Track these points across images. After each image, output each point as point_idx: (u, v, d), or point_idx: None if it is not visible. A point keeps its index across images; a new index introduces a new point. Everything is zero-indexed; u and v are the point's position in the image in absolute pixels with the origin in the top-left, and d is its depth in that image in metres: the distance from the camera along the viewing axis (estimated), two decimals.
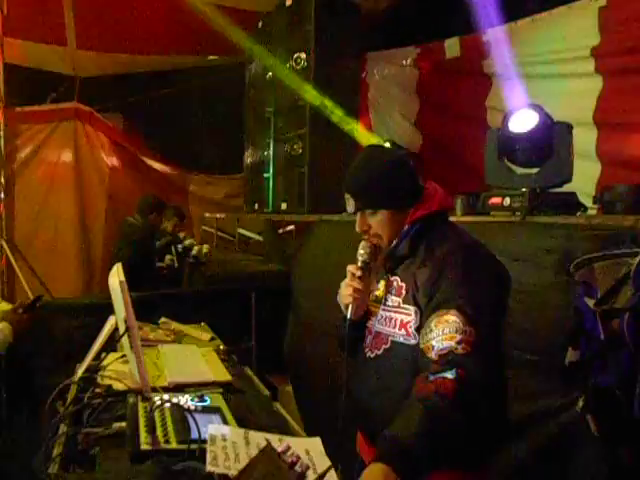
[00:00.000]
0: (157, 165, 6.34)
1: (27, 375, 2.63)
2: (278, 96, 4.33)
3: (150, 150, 6.31)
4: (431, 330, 1.28)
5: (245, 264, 4.83)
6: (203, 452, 1.19)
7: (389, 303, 1.46)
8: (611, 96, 3.10)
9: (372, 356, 1.47)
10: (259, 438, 1.28)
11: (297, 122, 4.08)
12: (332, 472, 1.12)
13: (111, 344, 1.78)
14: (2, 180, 5.16)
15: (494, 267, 1.40)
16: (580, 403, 1.66)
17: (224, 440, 1.25)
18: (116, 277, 1.51)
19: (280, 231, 4.72)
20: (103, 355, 1.77)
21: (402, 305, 1.41)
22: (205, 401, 1.53)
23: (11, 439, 2.25)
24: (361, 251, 1.48)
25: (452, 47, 4.19)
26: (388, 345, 1.43)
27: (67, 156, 5.80)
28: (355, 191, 1.49)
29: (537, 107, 2.24)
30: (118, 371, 1.72)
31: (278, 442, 1.15)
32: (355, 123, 4.28)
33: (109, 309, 1.72)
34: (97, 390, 1.62)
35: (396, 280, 1.46)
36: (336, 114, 4.01)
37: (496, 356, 1.35)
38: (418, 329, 1.35)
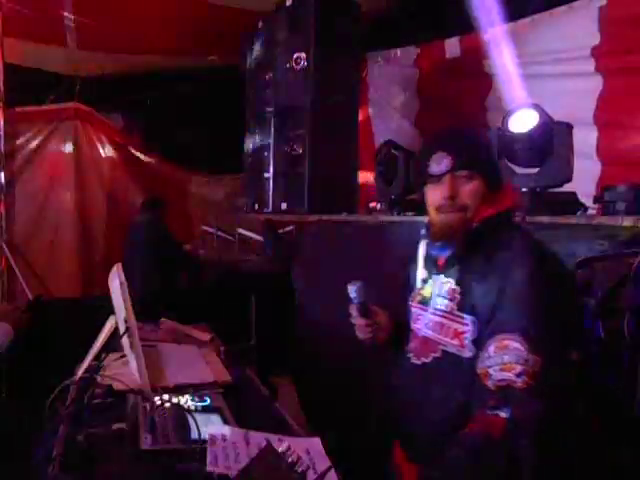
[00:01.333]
0: (157, 165, 6.34)
1: (27, 375, 2.63)
2: (278, 96, 4.33)
3: (150, 150, 6.31)
4: (489, 356, 1.14)
5: (245, 264, 4.83)
6: (203, 452, 1.20)
7: (439, 306, 1.33)
8: (611, 96, 3.10)
9: (419, 364, 1.35)
10: (259, 438, 1.28)
11: (297, 122, 4.08)
12: (332, 472, 1.12)
13: (111, 344, 1.78)
14: (2, 180, 5.15)
15: (564, 283, 1.26)
16: (580, 403, 1.66)
17: (224, 440, 1.25)
18: (116, 277, 1.51)
19: (280, 231, 4.72)
20: (103, 355, 1.77)
21: (456, 312, 1.28)
22: (205, 401, 1.53)
23: (12, 439, 2.25)
24: (352, 294, 1.44)
25: (452, 47, 4.18)
26: (438, 354, 1.30)
27: (67, 156, 5.80)
28: (455, 147, 1.30)
29: (537, 107, 2.24)
30: (118, 371, 1.72)
31: (278, 442, 1.15)
32: (355, 123, 4.28)
33: (109, 309, 1.73)
34: (97, 390, 1.62)
35: (449, 282, 1.32)
36: (336, 114, 4.01)
37: (562, 388, 1.20)
38: (474, 341, 1.22)
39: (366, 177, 4.44)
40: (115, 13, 4.58)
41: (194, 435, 1.26)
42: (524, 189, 2.25)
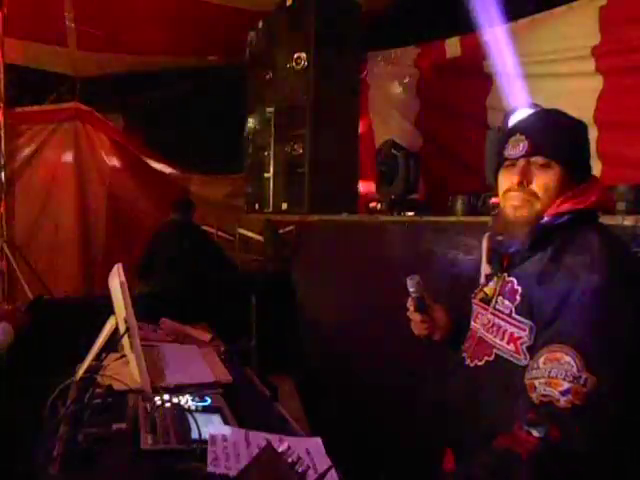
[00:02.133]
0: (157, 165, 6.33)
1: (27, 375, 2.63)
2: (278, 96, 4.33)
3: (150, 150, 6.31)
4: (538, 367, 1.03)
5: (245, 264, 4.83)
6: (203, 452, 1.20)
7: (499, 307, 1.22)
8: (611, 96, 3.10)
9: (472, 365, 1.27)
10: (260, 438, 1.28)
11: (297, 122, 4.08)
12: (332, 472, 1.12)
13: (111, 344, 1.78)
14: (2, 180, 5.16)
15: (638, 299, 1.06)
16: (628, 426, 1.65)
17: (225, 440, 1.25)
18: (116, 277, 1.51)
19: (280, 231, 4.72)
20: (103, 355, 1.77)
21: (514, 315, 1.17)
22: (205, 401, 1.53)
23: (11, 439, 2.25)
24: (411, 289, 1.39)
25: (452, 47, 4.18)
26: (492, 358, 1.21)
27: (67, 156, 5.80)
28: (534, 131, 1.20)
29: (537, 107, 2.24)
30: (118, 371, 1.72)
31: (278, 442, 1.15)
32: (356, 123, 4.28)
33: (109, 309, 1.72)
34: (97, 390, 1.61)
35: (512, 282, 1.21)
36: (336, 114, 4.01)
37: (613, 425, 1.02)
38: (529, 348, 1.12)
39: (366, 177, 4.44)
40: (115, 13, 4.58)
41: (194, 435, 1.26)
42: None
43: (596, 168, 3.12)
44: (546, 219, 1.16)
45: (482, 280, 1.37)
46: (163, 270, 4.00)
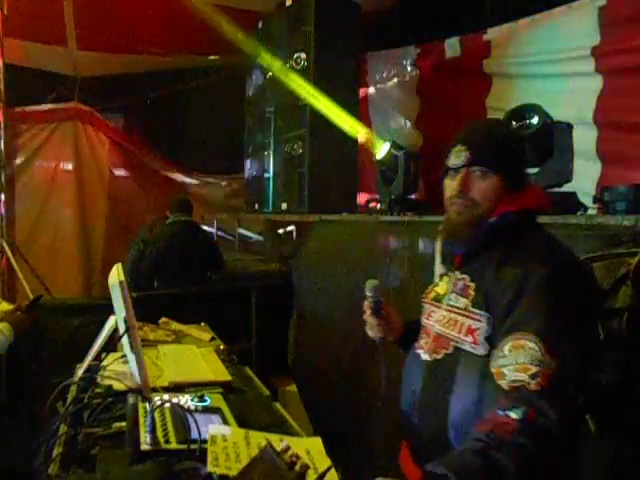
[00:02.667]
0: (157, 165, 6.34)
1: (27, 375, 2.63)
2: (278, 96, 4.33)
3: (150, 150, 6.31)
4: (504, 355, 1.11)
5: (245, 264, 4.83)
6: (203, 452, 1.19)
7: (453, 303, 1.30)
8: (611, 96, 3.10)
9: (429, 360, 1.32)
10: (259, 438, 1.28)
11: (297, 122, 4.08)
12: (332, 472, 1.12)
13: (111, 344, 1.78)
14: (2, 180, 5.16)
15: (587, 288, 1.21)
16: (580, 403, 1.66)
17: (225, 441, 1.25)
18: (116, 277, 1.51)
19: (280, 231, 4.72)
20: (103, 355, 1.77)
21: (470, 308, 1.24)
22: (205, 401, 1.53)
23: (11, 439, 2.25)
24: (368, 293, 1.43)
25: (452, 47, 4.19)
26: (450, 350, 1.27)
27: (67, 156, 5.80)
28: (474, 142, 1.29)
29: (537, 107, 2.24)
30: (118, 371, 1.72)
31: (278, 442, 1.15)
32: (355, 123, 4.28)
33: (109, 309, 1.72)
34: (97, 390, 1.61)
35: (464, 279, 1.29)
36: (336, 114, 4.01)
37: (577, 398, 1.16)
38: (488, 339, 1.19)
39: (366, 177, 4.44)
40: (115, 13, 4.58)
41: (194, 435, 1.26)
42: None
43: (595, 168, 3.12)
44: (493, 219, 1.26)
45: (436, 279, 1.44)
46: (176, 270, 3.99)
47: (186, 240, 4.08)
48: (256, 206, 4.76)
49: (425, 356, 1.34)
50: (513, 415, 1.02)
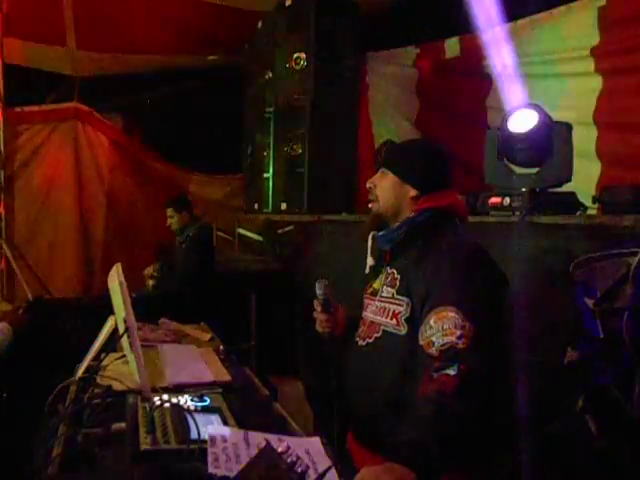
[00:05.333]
0: (157, 165, 6.33)
1: (27, 375, 2.63)
2: (278, 96, 4.33)
3: (150, 150, 6.31)
4: (430, 327, 1.28)
5: (245, 264, 4.83)
6: (203, 452, 1.19)
7: (384, 294, 1.49)
8: (611, 96, 3.10)
9: (363, 344, 1.50)
10: (259, 438, 1.28)
11: (297, 122, 4.08)
12: (332, 472, 1.12)
13: (111, 344, 1.78)
14: (2, 180, 5.15)
15: (493, 267, 1.41)
16: (580, 403, 1.66)
17: (224, 441, 1.25)
18: (115, 277, 1.51)
19: (279, 231, 4.72)
20: (103, 355, 1.77)
21: (396, 296, 1.43)
22: (205, 401, 1.53)
23: (11, 439, 2.25)
24: (318, 291, 1.59)
25: (452, 47, 4.18)
26: (379, 334, 1.46)
27: (67, 156, 5.79)
28: (388, 152, 1.61)
29: (536, 107, 2.24)
30: (118, 371, 1.72)
31: (278, 442, 1.15)
32: (355, 123, 4.28)
33: (109, 309, 1.72)
34: (97, 390, 1.61)
35: (393, 272, 1.48)
36: (335, 114, 4.01)
37: (498, 354, 1.33)
38: (408, 320, 1.38)
39: (365, 177, 4.44)
40: (115, 13, 4.58)
41: (194, 435, 1.25)
42: (523, 189, 2.25)
43: (595, 168, 3.12)
44: (412, 215, 1.48)
45: (367, 270, 1.63)
46: (205, 270, 4.00)
47: (208, 241, 4.19)
48: (255, 206, 4.76)
49: (360, 341, 1.52)
50: (450, 372, 1.18)
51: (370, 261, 1.60)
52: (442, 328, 1.26)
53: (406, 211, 1.50)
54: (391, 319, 1.42)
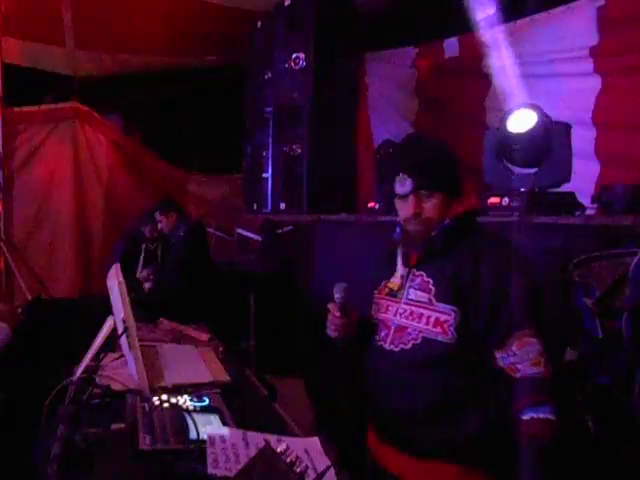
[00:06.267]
0: (156, 165, 6.33)
1: (25, 375, 2.63)
2: (277, 96, 4.33)
3: (149, 150, 6.30)
4: (514, 353, 1.30)
5: (244, 264, 4.82)
6: (202, 452, 1.19)
7: (413, 297, 1.44)
8: (610, 96, 3.10)
9: (397, 350, 1.44)
10: (258, 439, 1.28)
11: (296, 122, 4.08)
12: (331, 471, 1.12)
13: (110, 344, 1.78)
14: (1, 180, 5.15)
15: (532, 269, 1.42)
16: (579, 403, 1.66)
17: (223, 442, 1.25)
18: (114, 277, 1.51)
19: (279, 231, 4.72)
20: (102, 355, 1.77)
21: (435, 302, 1.39)
22: (204, 401, 1.53)
23: (10, 439, 2.25)
24: (337, 295, 1.52)
25: (451, 47, 4.18)
26: (418, 341, 1.40)
27: (66, 156, 5.78)
28: (414, 170, 1.43)
29: (535, 107, 2.24)
30: (117, 371, 1.72)
31: (277, 442, 1.15)
32: (354, 123, 4.28)
33: (108, 309, 1.72)
34: (96, 390, 1.61)
35: (421, 275, 1.44)
36: (335, 114, 4.01)
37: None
38: (458, 328, 1.35)
39: (365, 177, 4.44)
40: (114, 13, 4.57)
41: (193, 435, 1.25)
42: (523, 189, 2.25)
43: (594, 168, 3.12)
44: (447, 221, 1.42)
45: (397, 281, 1.53)
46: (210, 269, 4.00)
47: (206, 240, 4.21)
48: (255, 206, 4.76)
49: (391, 347, 1.46)
50: (550, 416, 1.23)
51: (401, 270, 1.51)
52: (529, 358, 1.28)
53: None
54: (434, 327, 1.37)
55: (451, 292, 1.36)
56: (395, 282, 1.50)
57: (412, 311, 1.43)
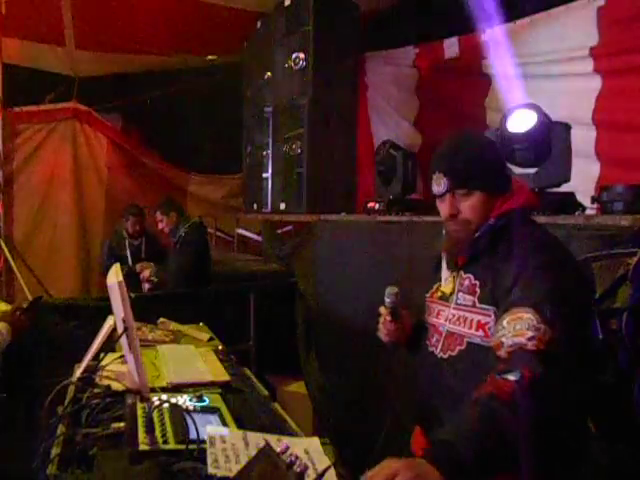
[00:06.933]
0: (156, 165, 6.33)
1: (26, 375, 2.63)
2: (277, 96, 4.33)
3: (149, 150, 6.31)
4: (503, 327, 1.20)
5: (244, 264, 4.83)
6: (202, 452, 1.19)
7: (461, 301, 1.38)
8: (610, 96, 3.10)
9: (445, 357, 1.39)
10: (258, 439, 1.28)
11: (296, 122, 4.08)
12: (331, 471, 1.12)
13: (109, 344, 1.77)
14: (1, 180, 5.15)
15: (578, 270, 1.32)
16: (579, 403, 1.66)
17: (223, 442, 1.25)
18: (114, 277, 1.50)
19: (278, 231, 4.72)
20: (101, 355, 1.77)
21: (478, 305, 1.33)
22: (204, 401, 1.53)
23: (10, 439, 2.25)
24: (387, 299, 1.49)
25: (451, 47, 4.19)
26: (464, 346, 1.35)
27: (66, 156, 5.80)
28: (450, 169, 1.37)
29: (535, 107, 2.24)
30: (116, 371, 1.72)
31: (277, 442, 1.15)
32: (354, 123, 4.28)
33: (107, 309, 1.72)
34: (95, 390, 1.61)
35: (469, 277, 1.38)
36: (335, 114, 4.01)
37: (574, 368, 1.19)
38: None
39: (365, 177, 4.44)
40: (114, 13, 4.57)
41: (192, 435, 1.25)
42: None
43: (594, 168, 3.12)
44: (491, 221, 1.36)
45: (443, 282, 1.49)
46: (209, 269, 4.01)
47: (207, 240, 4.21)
48: (255, 206, 4.76)
49: (441, 354, 1.41)
50: (511, 377, 1.08)
51: (446, 273, 1.47)
52: (514, 329, 1.16)
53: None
54: (476, 330, 1.32)
55: (492, 293, 1.30)
56: (447, 285, 1.45)
57: (459, 316, 1.38)
